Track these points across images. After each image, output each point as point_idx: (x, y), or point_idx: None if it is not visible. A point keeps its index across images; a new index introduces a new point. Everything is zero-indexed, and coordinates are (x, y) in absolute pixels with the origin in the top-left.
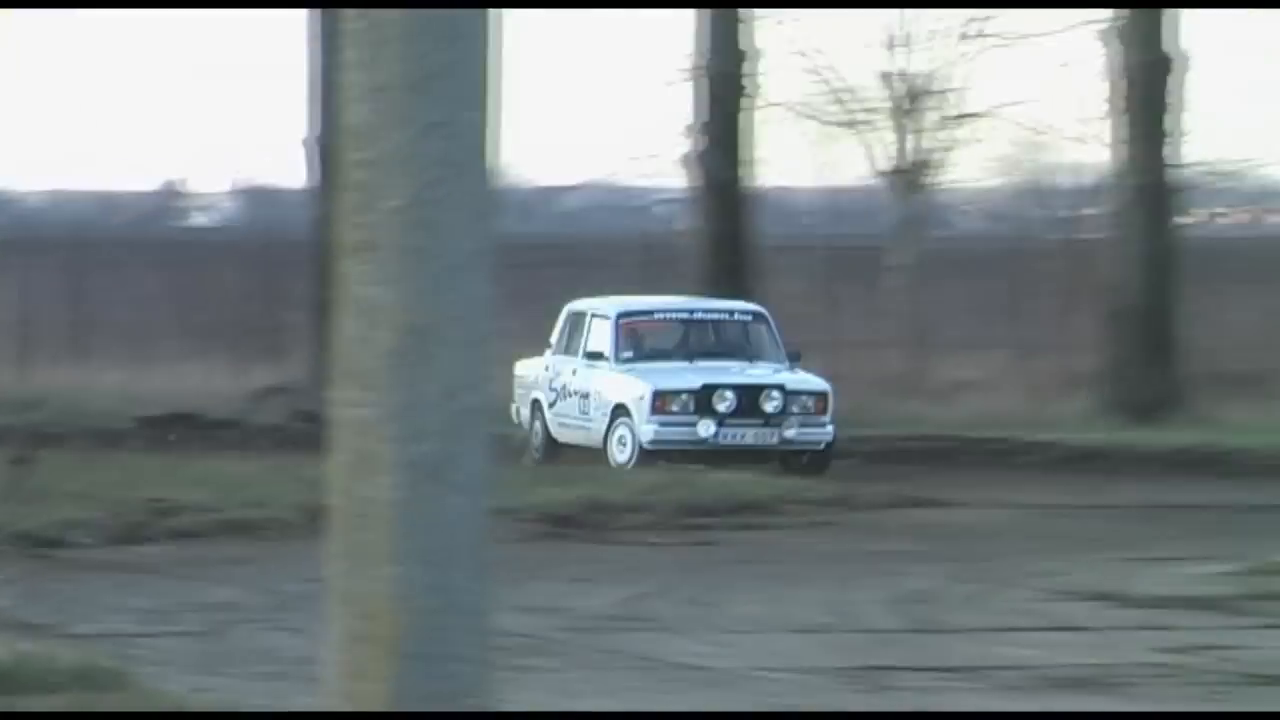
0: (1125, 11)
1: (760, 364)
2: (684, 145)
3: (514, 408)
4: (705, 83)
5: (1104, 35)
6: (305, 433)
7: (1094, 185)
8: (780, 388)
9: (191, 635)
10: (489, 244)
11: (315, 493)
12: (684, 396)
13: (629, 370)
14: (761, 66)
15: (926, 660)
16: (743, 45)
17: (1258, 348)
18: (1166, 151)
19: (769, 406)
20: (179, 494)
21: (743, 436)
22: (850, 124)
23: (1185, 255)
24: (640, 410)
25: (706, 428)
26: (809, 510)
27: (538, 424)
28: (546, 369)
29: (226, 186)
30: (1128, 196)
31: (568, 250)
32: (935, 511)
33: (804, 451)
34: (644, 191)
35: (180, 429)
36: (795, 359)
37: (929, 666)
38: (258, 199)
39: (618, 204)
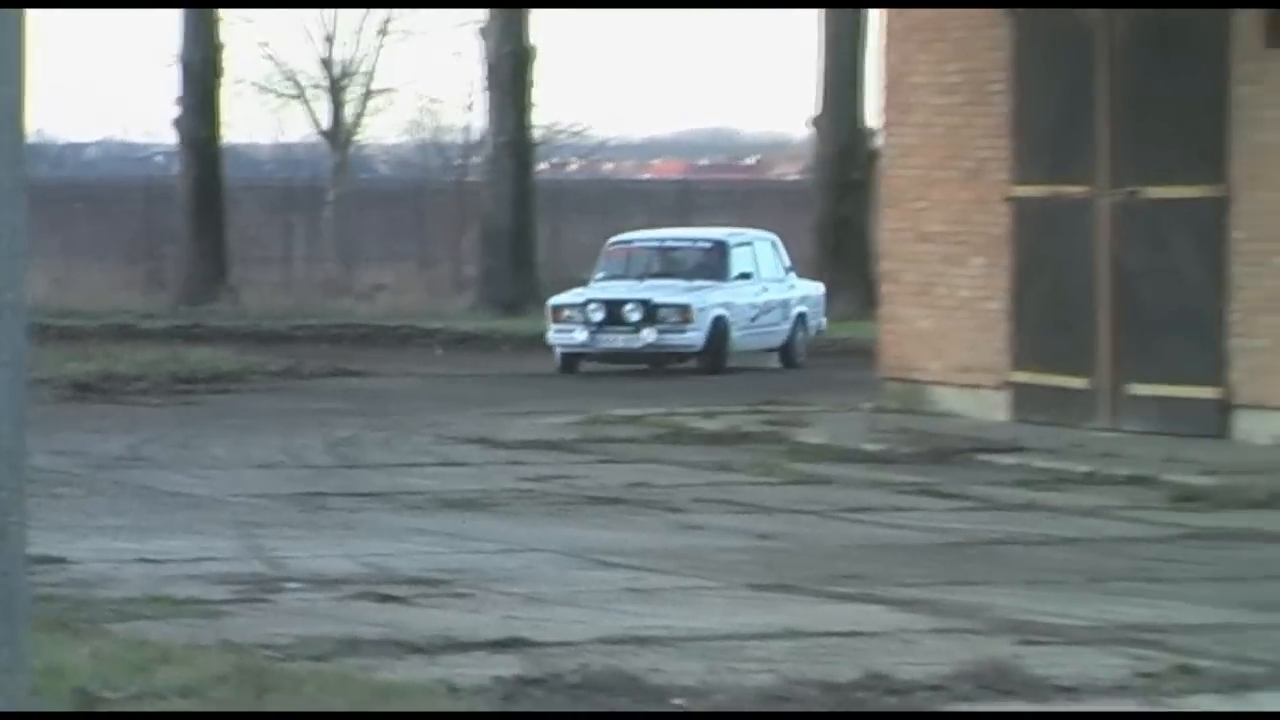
0: (494, 12)
1: (696, 283)
2: (173, 112)
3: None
4: (186, 65)
5: (481, 31)
6: None
7: (476, 142)
8: (645, 302)
9: None
10: (22, 185)
11: None
12: (569, 309)
13: (587, 287)
14: (230, 53)
15: (352, 488)
16: (220, 37)
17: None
18: (523, 118)
19: (629, 317)
20: None
21: (614, 341)
22: (298, 96)
23: (539, 193)
24: (549, 319)
25: (581, 333)
26: (267, 379)
27: None
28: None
29: None
30: (498, 151)
31: (88, 190)
32: (358, 380)
33: (675, 354)
34: (146, 146)
35: None
36: (745, 277)
37: (354, 493)
38: None
39: (126, 155)
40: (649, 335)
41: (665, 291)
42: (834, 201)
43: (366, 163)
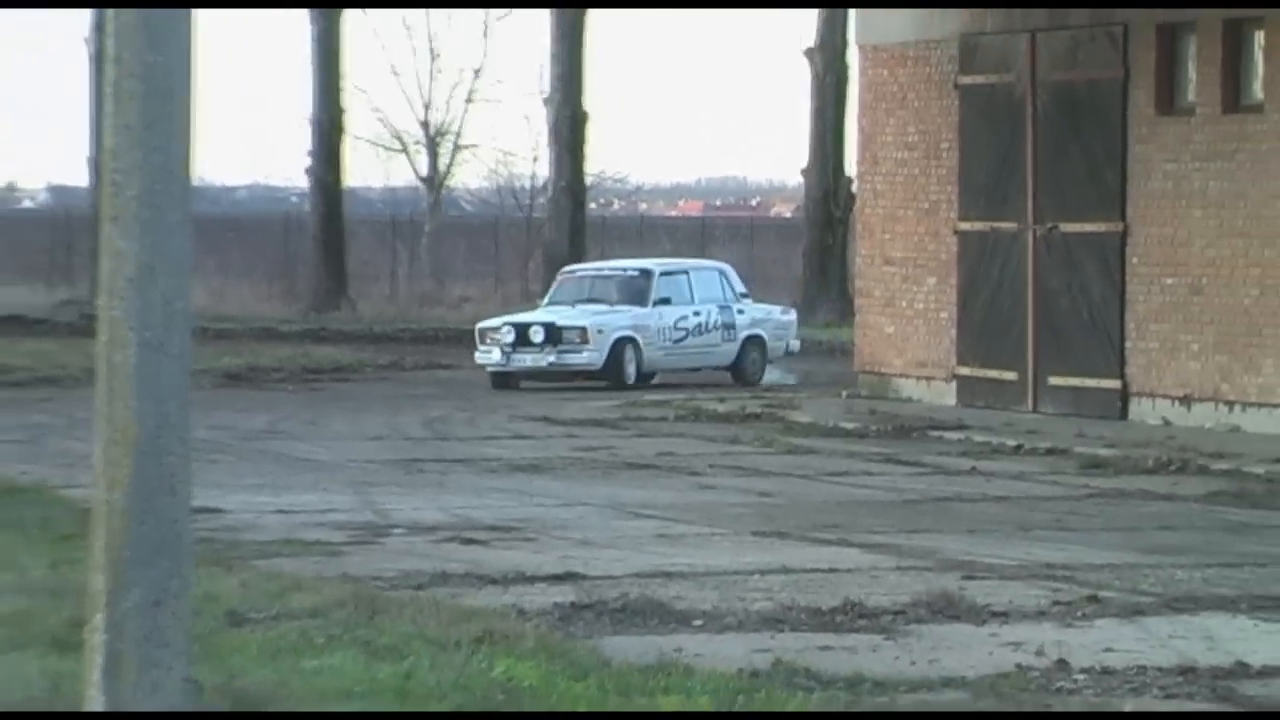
0: (555, 82)
1: (618, 307)
2: (306, 162)
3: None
4: (317, 124)
5: (545, 100)
6: (88, 327)
7: (540, 186)
8: (548, 325)
9: (20, 443)
10: (188, 220)
11: (91, 360)
12: (491, 332)
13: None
14: (350, 115)
15: (443, 455)
16: (343, 103)
17: None
18: (578, 168)
19: (535, 339)
20: (12, 360)
21: (524, 360)
22: (402, 150)
23: (589, 226)
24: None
25: (496, 353)
26: (377, 370)
27: None
28: None
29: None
30: (558, 193)
31: (238, 223)
32: (447, 371)
33: (577, 371)
34: (284, 189)
35: (14, 324)
36: (665, 302)
37: (444, 459)
38: (60, 192)
39: (269, 196)
40: (550, 355)
41: (570, 315)
42: (819, 234)
43: (455, 202)
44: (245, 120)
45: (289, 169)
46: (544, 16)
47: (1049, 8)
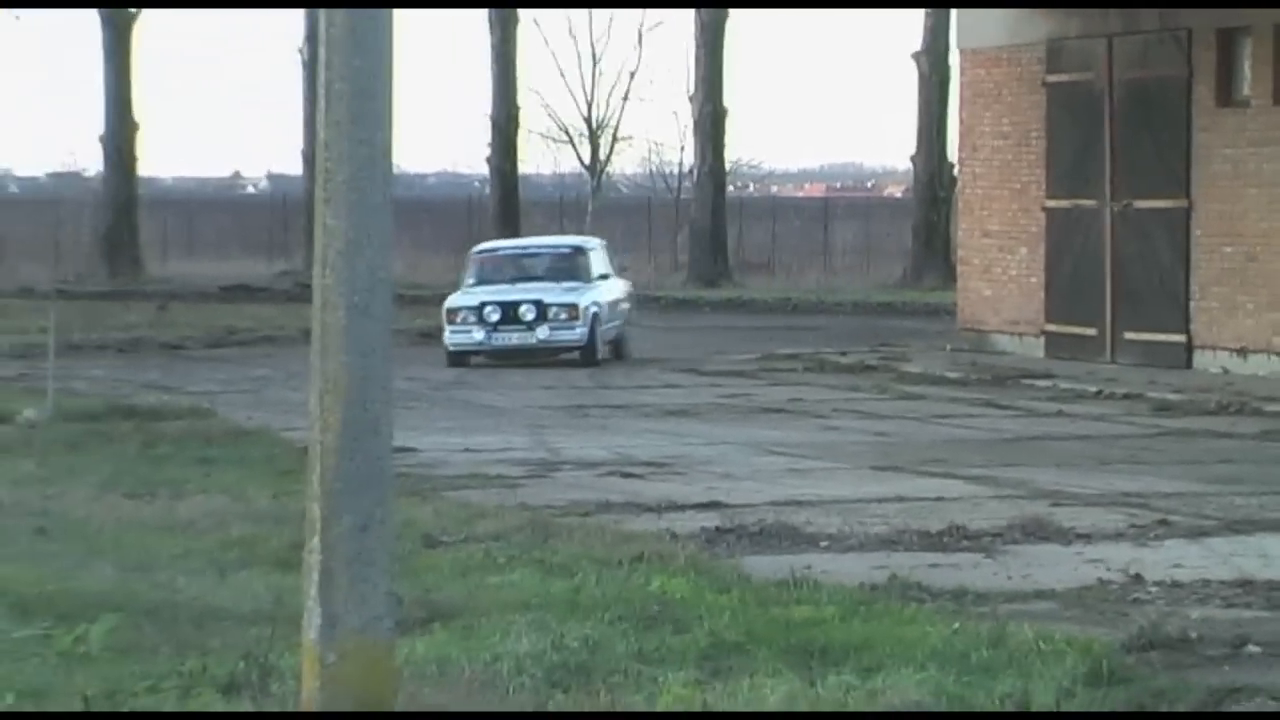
0: (699, 81)
1: (565, 284)
2: (485, 152)
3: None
4: (495, 120)
5: (690, 97)
6: (303, 294)
7: (687, 172)
8: (538, 302)
9: (246, 393)
10: (388, 199)
11: (306, 322)
12: (467, 312)
13: (466, 292)
14: (524, 112)
15: (605, 402)
16: (518, 101)
17: (764, 252)
18: (719, 155)
19: (524, 316)
20: (239, 322)
21: (510, 339)
22: (568, 141)
23: (728, 206)
24: (445, 322)
25: (479, 332)
26: None
27: None
28: None
29: (263, 173)
30: (701, 178)
31: (429, 205)
32: None
33: (564, 348)
34: (468, 175)
35: (240, 292)
36: (604, 278)
37: (606, 405)
38: (278, 180)
39: (455, 181)
40: (543, 332)
41: (553, 293)
42: (926, 211)
43: (614, 186)
44: (435, 116)
45: (472, 158)
46: (689, 25)
47: (1124, 8)
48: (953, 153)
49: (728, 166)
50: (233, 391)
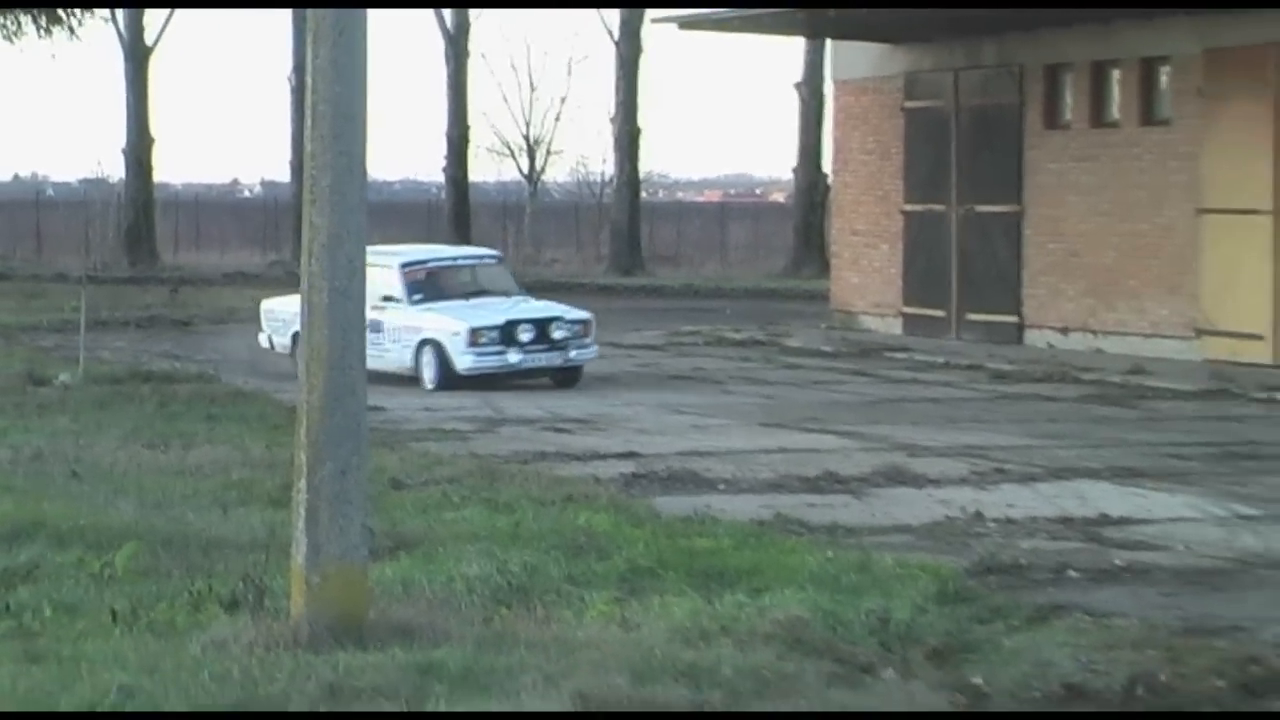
0: (618, 105)
1: (514, 299)
2: (443, 164)
3: (264, 336)
4: (450, 137)
5: (610, 119)
6: (290, 279)
7: (608, 181)
8: (561, 319)
9: (244, 362)
10: (364, 201)
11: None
12: (493, 331)
13: (427, 309)
14: (473, 130)
15: None
16: (468, 121)
17: (671, 246)
18: (634, 167)
19: (558, 335)
20: (238, 304)
21: (538, 360)
22: (510, 154)
23: (642, 209)
24: (455, 343)
25: (514, 355)
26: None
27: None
28: None
29: (257, 179)
30: (620, 186)
31: (392, 209)
32: None
33: (576, 366)
34: (427, 183)
35: (239, 278)
36: (528, 291)
37: None
38: (270, 185)
39: (415, 189)
40: (572, 351)
41: (557, 309)
42: (805, 214)
43: (548, 192)
44: (400, 132)
45: (430, 168)
46: (611, 58)
47: (967, 48)
48: (827, 165)
49: (641, 176)
50: (233, 361)
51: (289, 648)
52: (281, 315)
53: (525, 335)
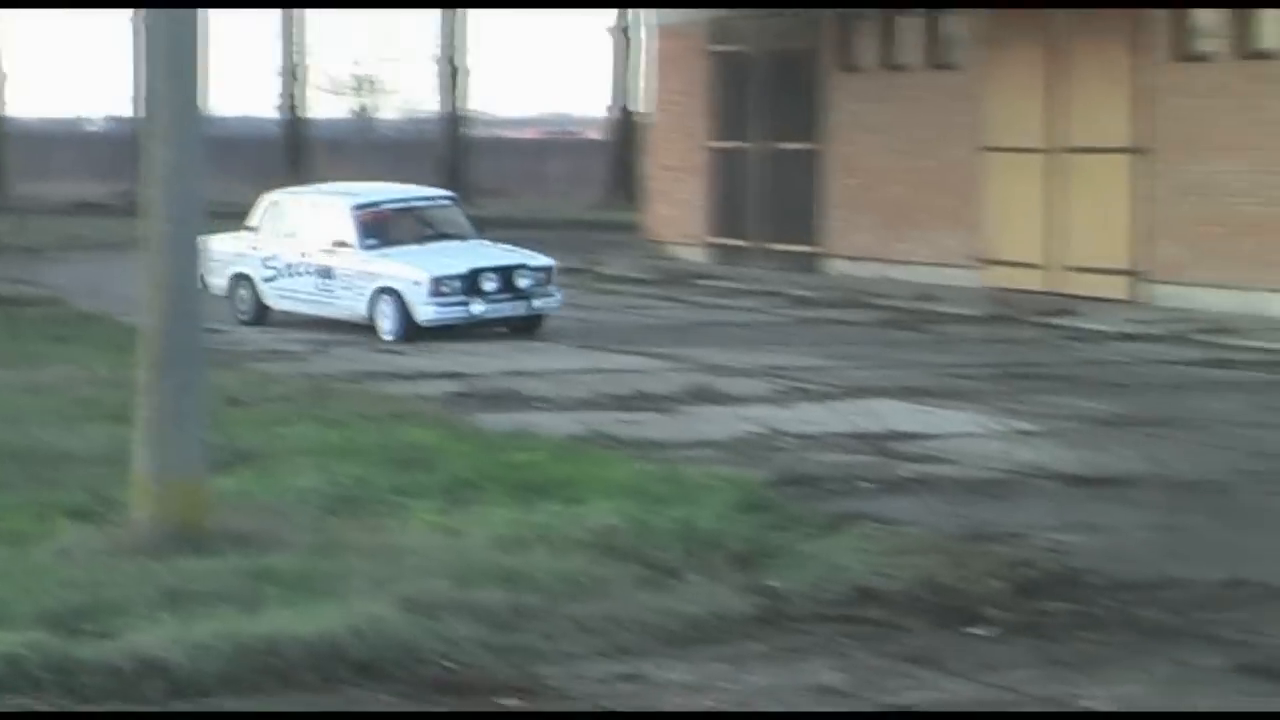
0: (442, 46)
1: (471, 244)
2: (279, 101)
3: (201, 275)
4: (284, 75)
5: (435, 59)
6: (134, 208)
7: (435, 117)
8: (525, 266)
9: (90, 286)
10: (200, 135)
11: (138, 232)
12: (455, 280)
13: (383, 255)
14: (307, 66)
15: None
16: (306, 61)
17: (497, 179)
18: (458, 105)
19: (522, 283)
20: (85, 232)
21: (502, 310)
22: (341, 93)
23: (466, 144)
24: (416, 293)
25: (478, 305)
26: None
27: (243, 292)
28: (255, 248)
29: (102, 114)
30: (445, 123)
31: (230, 142)
32: None
33: (538, 315)
34: (259, 119)
35: (85, 208)
36: (480, 232)
37: None
38: (114, 120)
39: (253, 123)
40: (537, 300)
41: (520, 255)
42: (620, 150)
43: (377, 128)
44: (237, 69)
45: (266, 105)
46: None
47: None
48: (640, 104)
49: (466, 114)
50: (79, 285)
51: (132, 555)
52: (218, 255)
53: (489, 284)
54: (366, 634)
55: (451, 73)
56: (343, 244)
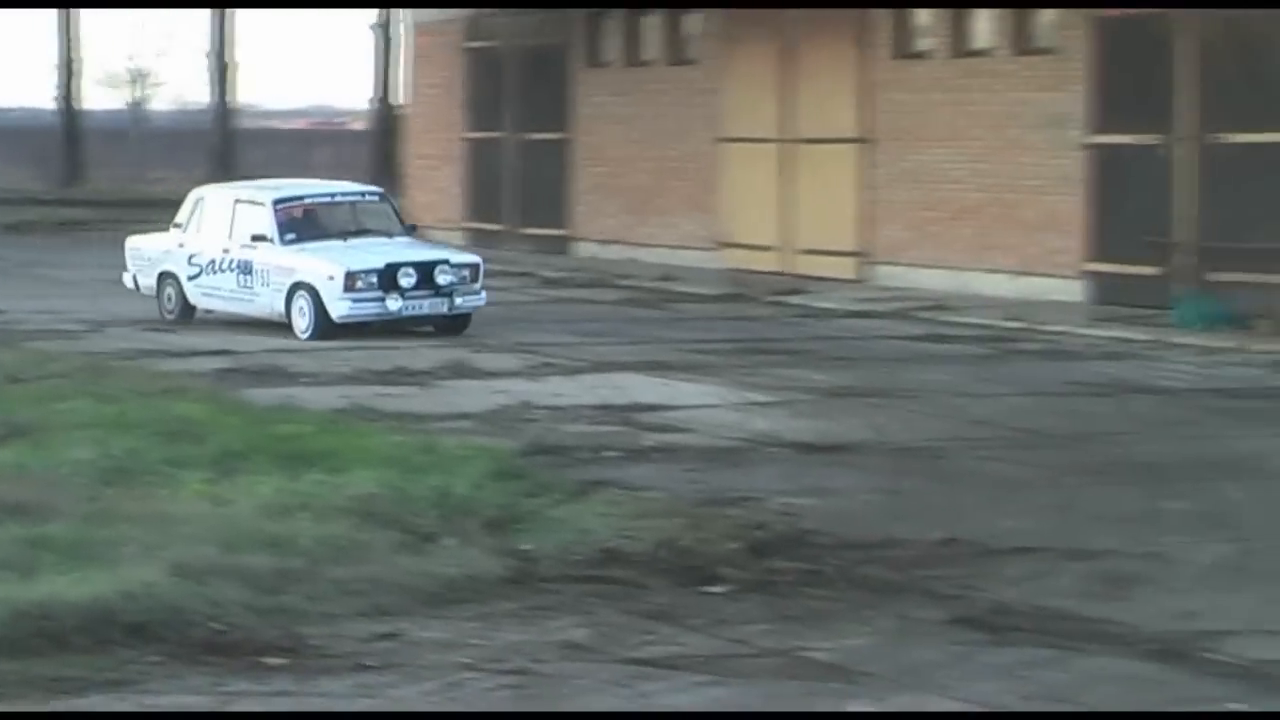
0: (213, 41)
1: (398, 240)
2: (56, 92)
3: (128, 275)
4: (62, 68)
5: (207, 55)
6: None
7: (208, 107)
8: (447, 262)
9: None
10: None
11: None
12: (371, 275)
13: (300, 250)
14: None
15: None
16: (81, 53)
17: (269, 170)
18: (228, 98)
19: (442, 280)
20: None
21: (421, 307)
22: (116, 86)
23: (237, 134)
24: (330, 289)
25: (394, 301)
26: (105, 224)
27: (170, 291)
28: (181, 245)
29: None
30: (217, 112)
31: (12, 131)
32: (152, 224)
33: (462, 315)
34: (45, 110)
35: None
36: (411, 230)
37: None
38: None
39: (34, 113)
40: (459, 299)
41: (442, 251)
42: (381, 139)
43: (152, 118)
44: (15, 61)
45: (45, 97)
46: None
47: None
48: (401, 96)
49: (236, 106)
50: None
51: None
52: (147, 254)
53: (406, 280)
54: (138, 598)
55: (221, 67)
56: (262, 238)
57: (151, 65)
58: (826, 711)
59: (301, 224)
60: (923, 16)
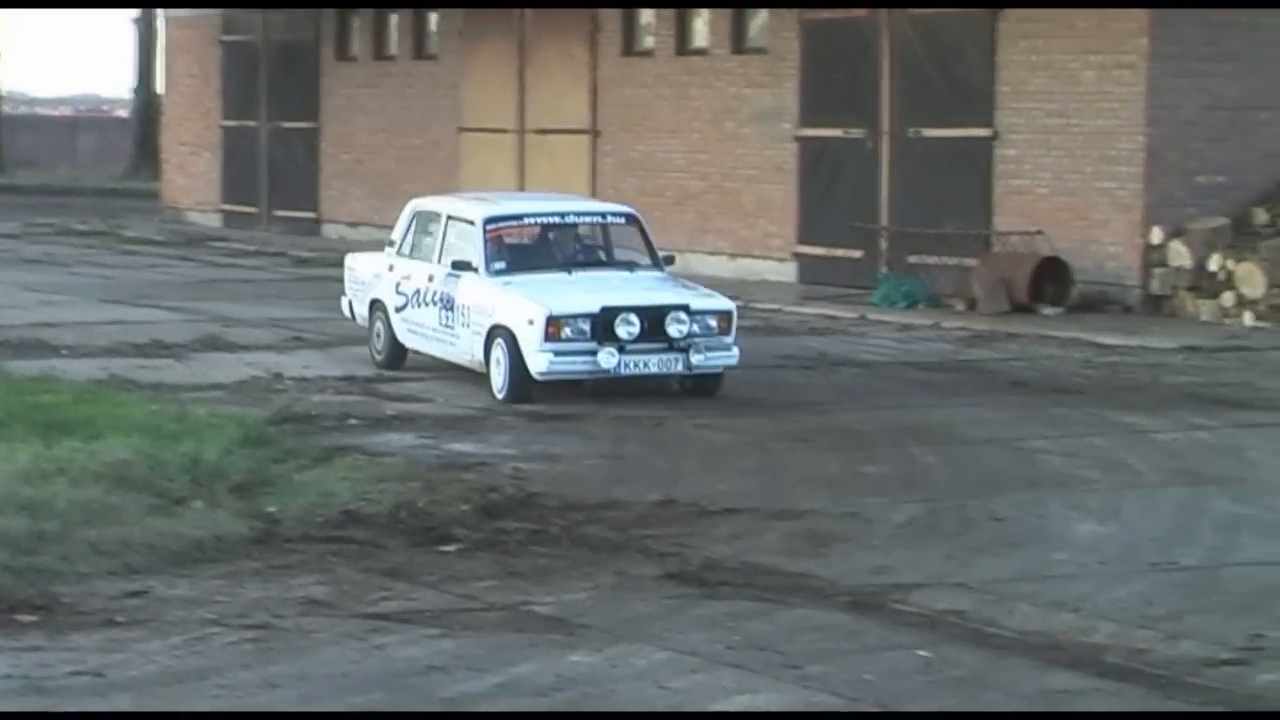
0: None
1: (641, 275)
2: None
3: (345, 300)
4: None
5: None
6: None
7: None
8: (685, 308)
9: None
10: None
11: None
12: (581, 322)
13: (507, 285)
14: None
15: None
16: None
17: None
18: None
19: (675, 331)
20: None
21: (647, 365)
22: None
23: (4, 122)
24: (529, 336)
25: (609, 358)
26: None
27: (379, 325)
28: (391, 269)
29: None
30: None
31: None
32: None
33: (707, 376)
34: None
35: None
36: (669, 262)
37: None
38: None
39: None
40: (697, 357)
41: (686, 294)
42: (143, 127)
43: None
44: None
45: None
46: None
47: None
48: (160, 86)
49: (2, 94)
50: None
51: None
52: (361, 276)
53: (626, 330)
54: None
55: None
56: (466, 266)
57: None
58: (866, 712)
59: (516, 250)
60: (647, 16)
